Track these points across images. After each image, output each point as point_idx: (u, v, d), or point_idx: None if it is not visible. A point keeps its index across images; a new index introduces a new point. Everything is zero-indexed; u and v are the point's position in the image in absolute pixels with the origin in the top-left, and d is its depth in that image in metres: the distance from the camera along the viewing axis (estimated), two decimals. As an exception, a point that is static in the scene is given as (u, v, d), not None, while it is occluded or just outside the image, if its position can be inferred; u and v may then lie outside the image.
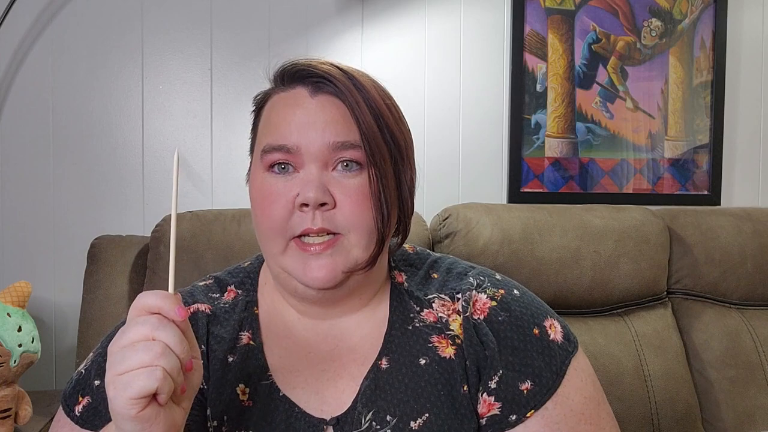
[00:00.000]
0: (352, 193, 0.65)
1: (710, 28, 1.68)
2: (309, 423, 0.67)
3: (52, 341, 1.46)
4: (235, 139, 1.52)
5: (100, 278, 1.27)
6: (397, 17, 1.57)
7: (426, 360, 0.69)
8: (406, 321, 0.72)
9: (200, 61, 1.50)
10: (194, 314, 0.72)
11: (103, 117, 1.48)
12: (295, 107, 0.67)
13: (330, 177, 0.66)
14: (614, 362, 1.27)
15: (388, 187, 0.66)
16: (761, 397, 1.31)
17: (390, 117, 0.69)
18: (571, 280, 1.31)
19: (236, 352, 0.70)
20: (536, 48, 1.61)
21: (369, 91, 0.67)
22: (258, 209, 0.68)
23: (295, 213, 0.65)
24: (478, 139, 1.60)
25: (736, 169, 1.73)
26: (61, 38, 1.46)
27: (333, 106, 0.66)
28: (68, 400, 0.69)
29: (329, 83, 0.67)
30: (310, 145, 0.65)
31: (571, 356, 0.71)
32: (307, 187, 0.64)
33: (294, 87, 0.69)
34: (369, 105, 0.67)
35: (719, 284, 1.40)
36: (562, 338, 0.72)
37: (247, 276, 0.77)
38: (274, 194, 0.66)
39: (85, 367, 0.70)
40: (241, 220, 1.26)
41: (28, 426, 1.17)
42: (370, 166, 0.65)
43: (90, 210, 1.47)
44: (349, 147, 0.65)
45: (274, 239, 0.67)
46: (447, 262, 0.78)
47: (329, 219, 0.65)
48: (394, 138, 0.68)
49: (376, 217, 0.66)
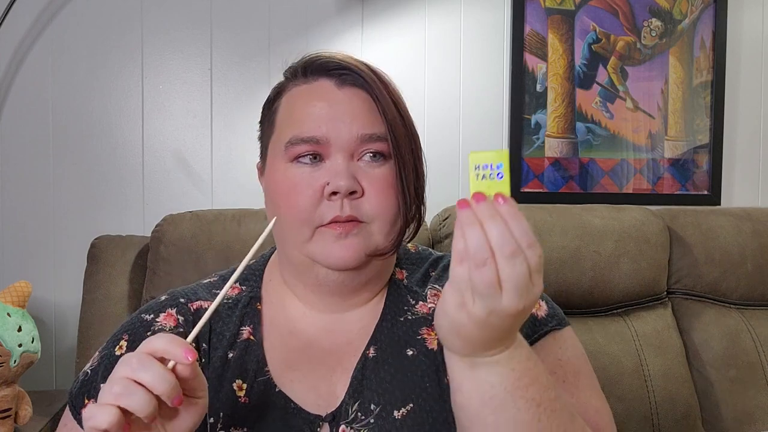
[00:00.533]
0: (377, 183, 0.67)
1: (710, 28, 1.68)
2: (305, 419, 0.67)
3: (52, 341, 1.46)
4: (235, 139, 1.52)
5: (100, 278, 1.27)
6: (397, 17, 1.57)
7: (414, 351, 0.70)
8: (398, 313, 0.73)
9: (200, 61, 1.50)
10: (197, 311, 0.73)
11: (103, 117, 1.48)
12: (321, 99, 0.68)
13: (356, 166, 0.67)
14: (614, 362, 1.27)
15: (410, 178, 0.69)
16: (761, 396, 1.31)
17: (406, 111, 0.71)
18: (571, 280, 1.31)
19: (236, 348, 0.71)
20: (536, 48, 1.61)
21: (389, 85, 0.70)
22: (283, 200, 0.68)
23: (323, 202, 0.67)
24: (478, 139, 1.60)
25: (736, 169, 1.73)
26: (61, 38, 1.46)
27: (359, 98, 0.68)
28: (75, 401, 0.69)
29: (356, 75, 0.68)
30: (339, 137, 0.67)
31: (548, 328, 0.71)
32: (338, 176, 0.65)
33: (317, 79, 0.70)
34: (391, 96, 0.69)
35: (719, 284, 1.40)
36: (544, 314, 0.72)
37: (251, 273, 0.78)
38: (301, 184, 0.67)
39: (91, 367, 0.70)
40: (241, 220, 1.26)
41: (28, 426, 1.17)
42: (394, 156, 0.68)
43: (90, 210, 1.47)
44: (376, 139, 0.67)
45: (300, 228, 0.68)
46: (447, 259, 0.79)
47: (356, 207, 0.67)
48: (413, 131, 0.71)
49: (401, 205, 0.68)
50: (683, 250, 1.40)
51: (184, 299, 0.73)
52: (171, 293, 0.75)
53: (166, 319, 0.71)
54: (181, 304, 0.73)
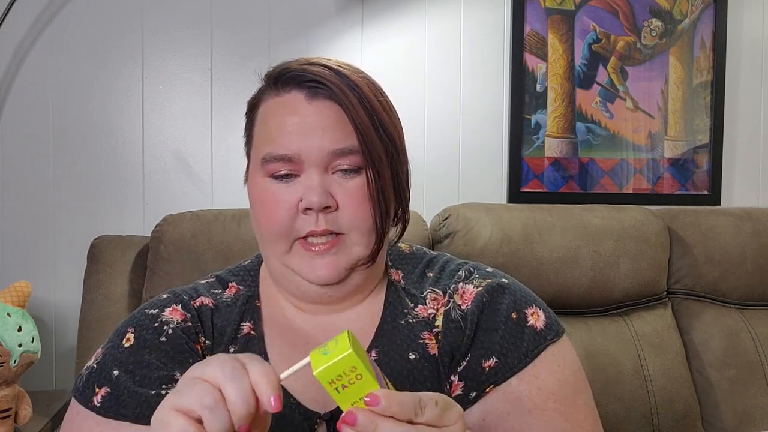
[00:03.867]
0: (352, 195, 0.67)
1: (710, 28, 1.68)
2: (304, 415, 0.67)
3: (52, 341, 1.46)
4: (235, 139, 1.51)
5: (100, 278, 1.27)
6: (397, 17, 1.57)
7: (416, 355, 0.70)
8: (398, 315, 0.73)
9: (200, 61, 1.50)
10: (200, 307, 0.73)
11: (103, 117, 1.48)
12: (293, 114, 0.68)
13: (331, 179, 0.67)
14: (614, 362, 1.27)
15: (386, 186, 0.68)
16: (761, 396, 1.31)
17: (384, 114, 0.69)
18: (571, 280, 1.31)
19: (237, 342, 0.71)
20: (536, 48, 1.61)
21: (362, 90, 0.68)
22: (260, 213, 0.70)
23: (299, 216, 0.67)
24: (478, 139, 1.60)
25: (736, 169, 1.73)
26: (61, 38, 1.46)
27: (330, 111, 0.67)
28: (83, 394, 0.67)
29: (324, 87, 0.67)
30: (310, 153, 0.66)
31: (547, 342, 0.70)
32: (311, 192, 0.66)
33: (289, 91, 0.69)
34: (364, 105, 0.67)
35: (719, 284, 1.40)
36: (542, 326, 0.71)
37: (248, 273, 0.78)
38: (277, 200, 0.68)
39: (96, 362, 0.69)
40: (241, 220, 1.26)
41: (28, 426, 1.17)
42: (367, 167, 0.67)
43: (90, 210, 1.47)
44: (347, 153, 0.67)
45: (277, 241, 0.69)
46: (442, 260, 0.79)
47: (332, 221, 0.67)
48: (389, 134, 0.69)
49: (376, 216, 0.68)
50: (683, 250, 1.40)
51: (186, 296, 0.74)
52: (172, 291, 0.76)
53: (172, 313, 0.71)
54: (184, 301, 0.73)
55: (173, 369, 0.66)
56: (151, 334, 0.69)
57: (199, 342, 0.70)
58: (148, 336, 0.69)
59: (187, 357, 0.68)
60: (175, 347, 0.68)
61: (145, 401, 0.64)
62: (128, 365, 0.67)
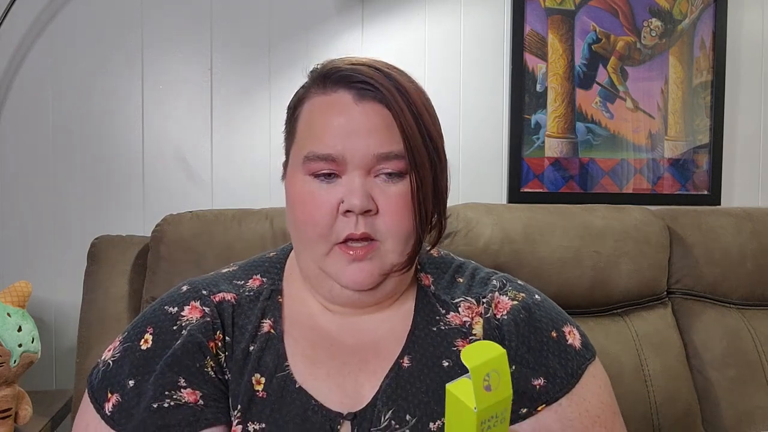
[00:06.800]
0: (393, 201, 0.67)
1: (710, 28, 1.68)
2: (326, 416, 0.67)
3: (52, 341, 1.46)
4: (235, 139, 1.52)
5: (100, 278, 1.27)
6: (397, 17, 1.57)
7: (449, 363, 0.70)
8: (430, 322, 0.73)
9: (200, 61, 1.50)
10: (220, 303, 0.72)
11: (104, 117, 1.48)
12: (340, 114, 0.67)
13: (373, 183, 0.67)
14: (614, 362, 1.27)
15: (427, 192, 0.68)
16: (761, 396, 1.31)
17: (429, 120, 0.69)
18: (571, 279, 1.31)
19: (257, 341, 0.70)
20: (536, 48, 1.61)
21: (411, 95, 0.68)
22: (300, 213, 0.69)
23: (339, 218, 0.67)
24: (478, 139, 1.60)
25: (736, 169, 1.73)
26: (61, 38, 1.46)
27: (377, 114, 0.66)
28: (96, 395, 0.68)
29: (373, 89, 0.66)
30: (354, 154, 0.66)
31: (588, 362, 0.72)
32: (353, 194, 0.65)
33: (336, 91, 0.68)
34: (412, 111, 0.67)
35: (719, 284, 1.40)
36: (580, 345, 0.73)
37: (273, 265, 0.77)
38: (317, 200, 0.67)
39: (113, 358, 0.69)
40: (241, 220, 1.26)
41: (28, 426, 1.17)
42: (411, 173, 0.66)
43: (90, 210, 1.47)
44: (393, 158, 0.66)
45: (317, 242, 0.68)
46: (471, 267, 0.80)
47: (371, 225, 0.66)
48: (433, 142, 0.69)
49: (416, 223, 0.67)
50: (683, 250, 1.40)
51: (206, 291, 0.73)
52: (191, 283, 0.75)
53: (192, 312, 0.71)
54: (203, 296, 0.72)
55: (178, 374, 0.66)
56: (169, 338, 0.69)
57: (215, 339, 0.70)
58: (166, 339, 0.69)
59: (194, 361, 0.68)
60: (185, 352, 0.68)
61: (149, 416, 0.64)
62: (142, 374, 0.67)
